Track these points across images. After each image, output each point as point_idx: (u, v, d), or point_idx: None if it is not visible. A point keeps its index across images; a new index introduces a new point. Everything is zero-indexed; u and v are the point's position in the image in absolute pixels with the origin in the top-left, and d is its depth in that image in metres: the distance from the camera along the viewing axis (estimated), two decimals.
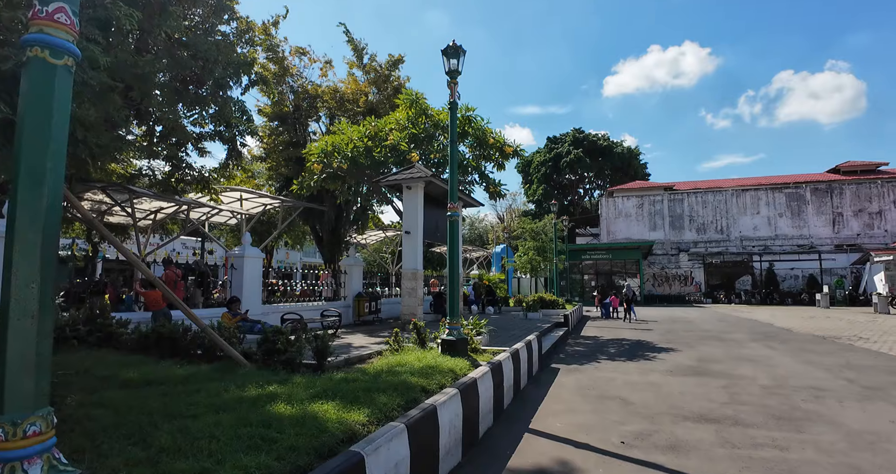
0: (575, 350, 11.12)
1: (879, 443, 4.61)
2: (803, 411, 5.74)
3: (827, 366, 8.60)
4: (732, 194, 36.55)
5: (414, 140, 13.90)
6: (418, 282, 12.56)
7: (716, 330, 15.28)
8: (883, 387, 6.92)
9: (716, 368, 8.57)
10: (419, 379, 4.56)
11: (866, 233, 33.24)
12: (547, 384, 7.38)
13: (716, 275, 36.11)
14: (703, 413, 5.69)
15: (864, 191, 33.79)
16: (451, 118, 6.88)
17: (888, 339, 12.38)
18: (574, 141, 49.30)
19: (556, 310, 17.79)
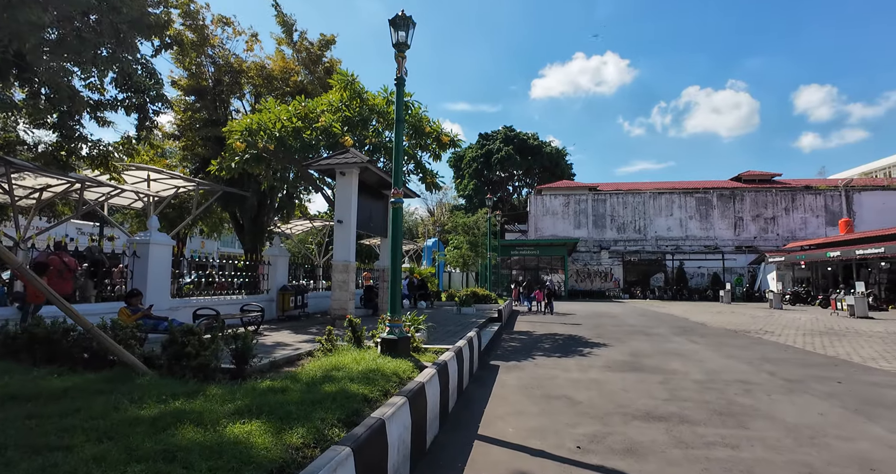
0: (511, 346, 10.95)
1: (819, 438, 4.68)
2: (740, 406, 5.82)
3: (747, 360, 9.02)
4: (650, 197, 38.82)
5: (348, 123, 13.04)
6: (350, 274, 11.80)
7: (640, 324, 15.90)
8: (801, 380, 7.28)
9: (649, 363, 8.69)
10: (360, 386, 3.97)
11: (762, 237, 36.70)
12: (489, 383, 7.03)
13: (633, 271, 38.24)
14: (649, 410, 5.58)
15: (762, 198, 37.26)
16: (398, 95, 6.27)
17: (789, 333, 13.45)
18: (505, 138, 50.06)
19: (489, 305, 17.70)
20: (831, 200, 36.31)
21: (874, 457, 4.18)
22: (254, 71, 16.43)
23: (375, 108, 13.31)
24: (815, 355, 9.63)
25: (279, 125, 12.51)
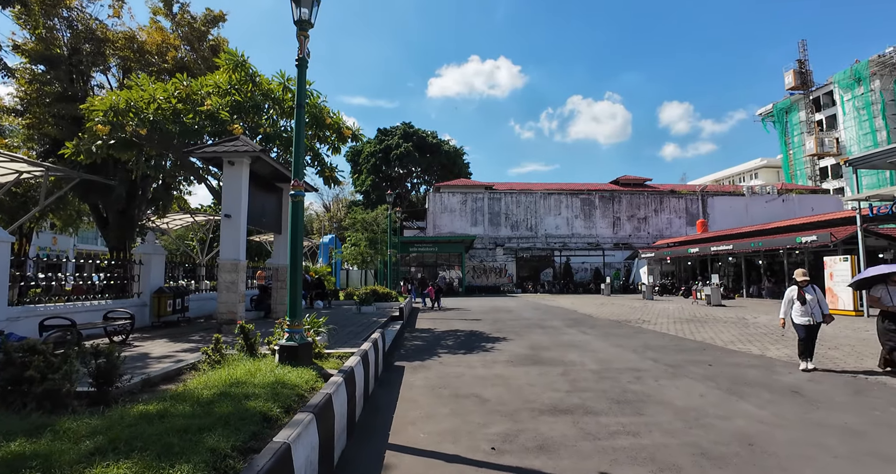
0: (414, 344, 10.76)
1: (703, 419, 5.09)
2: (634, 393, 6.19)
3: (633, 348, 9.77)
4: (541, 197, 41.13)
5: (238, 109, 11.90)
6: (240, 274, 10.77)
7: (535, 318, 16.65)
8: (680, 365, 8.02)
9: (548, 356, 9.02)
10: (258, 402, 3.48)
11: (636, 235, 40.72)
12: (396, 385, 6.76)
13: (525, 267, 40.28)
14: (555, 404, 5.71)
15: (636, 200, 41.33)
16: (300, 77, 5.71)
17: (662, 321, 14.94)
18: (404, 135, 49.89)
19: (389, 303, 17.38)
20: (691, 203, 41.40)
21: (750, 433, 4.62)
22: (122, 41, 14.34)
23: (270, 93, 12.30)
24: (688, 341, 10.74)
25: (154, 106, 11.02)
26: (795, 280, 7.66)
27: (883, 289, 7.20)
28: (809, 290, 7.48)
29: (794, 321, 7.52)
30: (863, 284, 7.75)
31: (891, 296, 7.08)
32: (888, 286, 7.18)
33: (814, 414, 5.22)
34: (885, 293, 7.13)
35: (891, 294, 7.10)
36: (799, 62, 55.51)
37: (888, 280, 7.24)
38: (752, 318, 15.26)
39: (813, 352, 7.47)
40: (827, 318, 7.41)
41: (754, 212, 39.86)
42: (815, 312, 7.35)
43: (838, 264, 16.66)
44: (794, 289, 7.60)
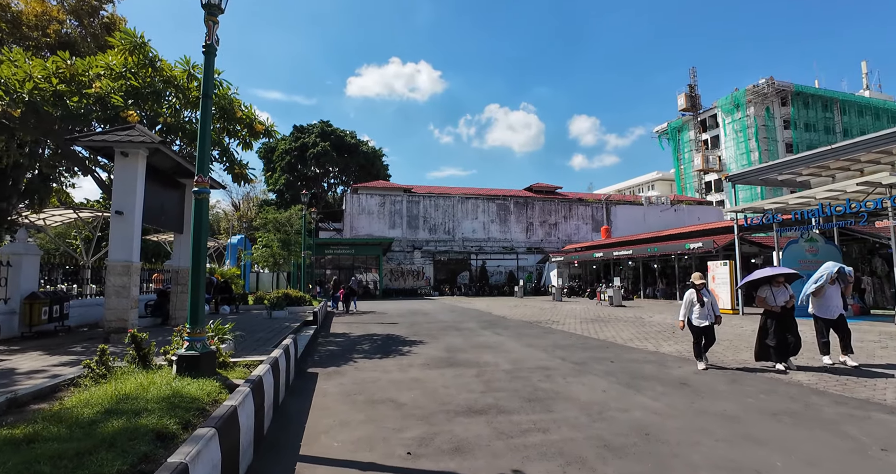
0: (329, 350, 10.43)
1: (606, 412, 5.43)
2: (544, 391, 6.46)
3: (543, 348, 10.22)
4: (458, 201, 41.86)
5: (134, 95, 10.84)
6: (133, 277, 9.77)
7: (451, 320, 16.86)
8: (585, 362, 8.51)
9: (464, 357, 9.16)
10: (152, 419, 3.15)
11: (547, 240, 42.78)
12: (308, 393, 6.49)
13: (443, 270, 40.73)
14: (470, 405, 5.79)
15: (548, 207, 43.45)
16: (207, 65, 5.30)
17: (570, 321, 15.80)
18: (322, 133, 48.45)
19: (303, 307, 16.72)
20: (596, 211, 44.31)
21: (646, 423, 5.00)
22: None
23: (173, 80, 11.33)
24: (592, 339, 11.44)
25: (30, 85, 9.70)
26: (693, 283, 7.88)
27: (768, 290, 7.68)
28: (706, 293, 7.75)
29: (691, 323, 7.79)
30: (751, 286, 8.15)
31: (775, 296, 7.58)
32: (772, 287, 7.67)
33: (699, 403, 5.77)
34: (770, 294, 7.63)
35: (775, 295, 7.60)
36: (689, 87, 61.78)
37: (772, 282, 7.72)
38: (648, 318, 16.61)
39: (706, 351, 7.92)
40: (718, 319, 7.74)
41: (651, 220, 43.56)
42: (710, 314, 7.69)
43: (719, 268, 18.67)
44: (692, 291, 7.81)
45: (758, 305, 7.79)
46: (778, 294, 7.59)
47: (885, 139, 13.39)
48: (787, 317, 7.51)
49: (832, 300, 7.89)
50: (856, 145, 14.35)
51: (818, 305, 7.99)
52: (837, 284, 7.97)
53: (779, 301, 7.53)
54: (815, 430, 4.74)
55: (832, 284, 7.92)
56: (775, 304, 7.53)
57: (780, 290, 7.62)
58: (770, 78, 53.23)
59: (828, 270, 7.92)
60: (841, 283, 7.99)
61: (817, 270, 8.10)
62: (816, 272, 8.07)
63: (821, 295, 7.93)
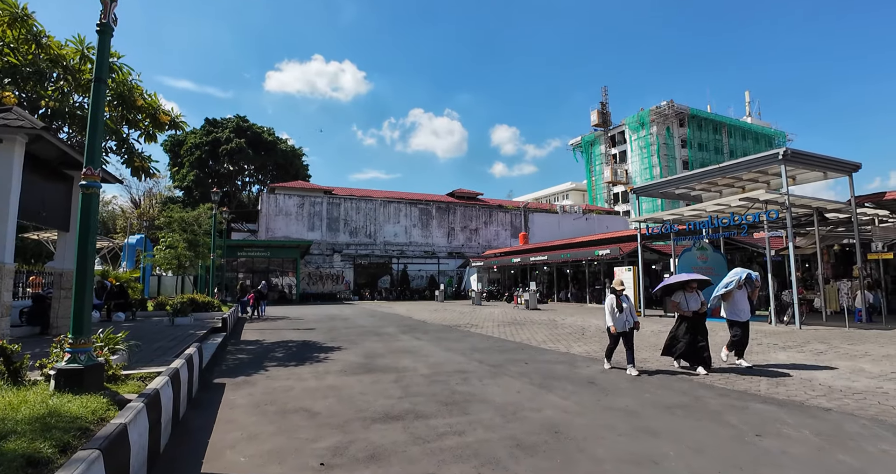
0: (239, 358, 9.84)
1: (519, 412, 5.60)
2: (461, 394, 6.54)
3: (462, 351, 10.36)
4: (381, 204, 41.48)
5: (13, 73, 9.57)
6: (4, 281, 8.57)
7: (370, 325, 16.60)
8: (502, 364, 8.74)
9: (382, 363, 9.05)
10: (21, 442, 2.76)
11: (468, 244, 43.63)
12: (213, 406, 6.06)
13: (363, 274, 40.08)
14: (387, 411, 5.72)
15: (469, 212, 44.35)
16: (101, 46, 4.78)
17: (488, 325, 16.19)
18: (237, 129, 45.89)
19: (211, 313, 15.64)
20: (515, 217, 45.93)
21: (556, 421, 5.22)
22: None
23: (62, 60, 10.15)
24: (509, 342, 11.79)
25: None
26: (614, 289, 7.88)
27: (681, 296, 7.86)
28: (625, 299, 7.74)
29: (609, 329, 7.83)
30: (666, 290, 8.29)
31: (687, 301, 7.79)
32: (686, 293, 7.86)
33: (604, 400, 6.14)
34: (683, 299, 7.81)
35: (687, 300, 7.79)
36: (601, 104, 66.19)
37: (686, 287, 7.92)
38: (561, 320, 17.46)
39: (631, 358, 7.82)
40: (637, 325, 7.75)
41: (565, 228, 45.97)
42: (629, 320, 7.70)
43: (624, 273, 20.09)
44: (612, 297, 7.76)
45: (671, 310, 8.02)
46: (690, 299, 7.81)
47: (761, 161, 15.21)
48: (698, 322, 7.79)
49: (740, 304, 8.21)
50: (738, 165, 16.15)
51: (728, 309, 8.31)
52: (745, 289, 8.28)
53: (691, 306, 7.77)
54: (703, 420, 5.22)
55: (740, 289, 8.23)
56: (687, 309, 7.77)
57: (692, 296, 7.85)
58: (671, 101, 58.50)
59: (737, 276, 8.25)
60: (748, 288, 8.32)
61: (727, 275, 8.46)
62: (726, 277, 8.43)
63: (730, 299, 8.23)
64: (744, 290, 8.28)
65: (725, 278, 8.36)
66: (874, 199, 15.84)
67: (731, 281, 8.22)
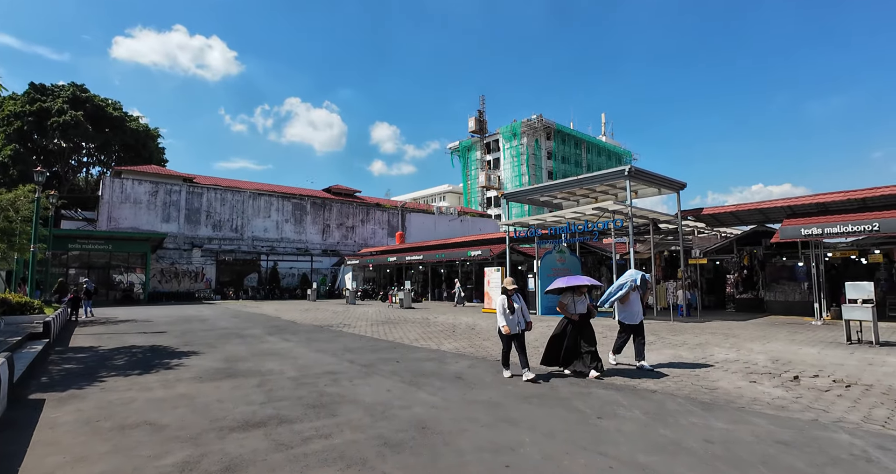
0: (66, 369, 8.45)
1: (389, 411, 5.62)
2: (329, 396, 6.37)
3: (333, 352, 10.10)
4: (250, 197, 38.70)
5: None
6: None
7: (233, 327, 15.40)
8: (373, 364, 8.70)
9: (245, 367, 8.45)
10: None
11: (343, 242, 42.67)
12: (28, 427, 5.13)
13: (227, 272, 37.01)
14: (247, 418, 5.35)
15: (346, 210, 43.40)
16: None
17: (361, 324, 16.01)
18: (73, 99, 39.38)
19: (29, 317, 13.18)
20: (392, 217, 46.05)
21: (424, 417, 5.34)
22: None
23: None
24: (382, 341, 11.78)
25: None
26: (506, 288, 7.45)
27: (570, 298, 7.74)
28: (517, 299, 7.39)
29: (500, 331, 7.43)
30: (556, 291, 8.08)
31: (575, 305, 7.69)
32: (574, 295, 7.74)
33: (469, 393, 6.44)
34: (572, 302, 7.69)
35: (576, 303, 7.69)
36: (479, 112, 69.41)
37: (576, 291, 7.78)
38: (434, 318, 17.91)
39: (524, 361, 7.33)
40: (529, 325, 7.43)
41: (440, 228, 47.31)
42: (520, 321, 7.40)
43: (493, 273, 21.29)
44: (504, 298, 7.40)
45: (559, 311, 7.85)
46: (578, 302, 7.71)
47: (610, 176, 17.23)
48: (584, 326, 7.67)
49: (634, 306, 8.18)
50: (592, 178, 18.10)
51: (622, 311, 8.26)
52: (638, 291, 8.30)
53: (578, 309, 7.67)
54: (555, 408, 5.74)
55: (634, 291, 8.21)
56: (574, 312, 7.66)
57: (580, 299, 7.74)
58: (540, 115, 63.47)
59: (631, 277, 8.23)
60: (641, 290, 8.32)
61: (621, 277, 8.45)
62: (620, 278, 8.39)
63: (626, 301, 8.21)
64: (637, 292, 8.29)
65: (619, 280, 8.37)
66: (694, 214, 18.89)
67: (626, 282, 8.20)
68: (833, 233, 14.05)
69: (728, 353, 9.45)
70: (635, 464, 4.01)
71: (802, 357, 9.01)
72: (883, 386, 6.64)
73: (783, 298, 18.09)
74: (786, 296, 18.04)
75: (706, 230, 22.46)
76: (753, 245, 20.03)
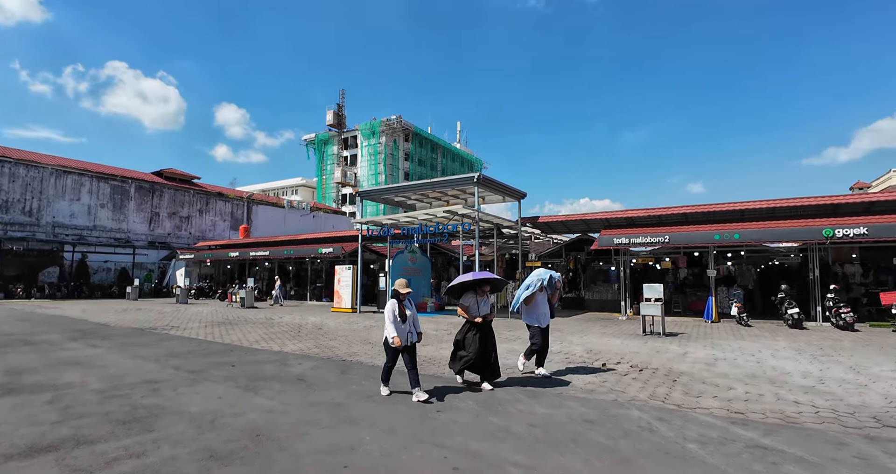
0: None
1: (218, 420, 5.15)
2: (146, 408, 5.62)
3: (155, 358, 8.91)
4: (52, 174, 32.26)
5: None
6: None
7: (21, 332, 12.66)
8: (204, 369, 7.90)
9: (33, 381, 7.01)
10: None
11: (176, 234, 37.97)
12: None
13: (16, 264, 30.24)
14: (33, 442, 4.45)
15: (180, 197, 38.69)
16: None
17: (193, 325, 14.42)
18: None
19: None
20: (237, 208, 42.40)
21: (259, 424, 5.01)
22: None
23: None
24: (216, 344, 10.74)
25: None
26: (398, 292, 6.18)
27: (472, 299, 6.83)
28: (408, 305, 6.23)
29: (387, 341, 6.14)
30: (456, 290, 7.12)
31: (479, 305, 6.82)
32: (477, 296, 6.86)
33: (311, 395, 6.22)
34: (474, 302, 6.81)
35: (479, 304, 6.83)
36: (338, 106, 67.63)
37: (478, 289, 6.91)
38: (278, 318, 16.93)
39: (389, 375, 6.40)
40: (419, 336, 6.32)
41: (291, 223, 44.98)
42: (412, 331, 6.19)
43: (344, 272, 20.91)
44: (394, 302, 6.13)
45: (460, 315, 6.87)
46: (482, 303, 6.88)
47: (461, 181, 18.20)
48: (487, 330, 6.79)
49: (541, 308, 7.51)
50: (444, 182, 18.92)
51: (528, 313, 7.55)
52: (546, 292, 7.64)
53: (482, 311, 6.84)
54: (397, 404, 5.84)
55: (542, 292, 7.57)
56: (478, 314, 6.80)
57: (483, 300, 6.93)
58: (399, 116, 64.22)
59: (539, 277, 7.56)
60: (549, 291, 7.66)
61: (529, 276, 7.74)
62: (528, 278, 7.68)
63: (532, 302, 7.51)
64: (545, 293, 7.62)
65: (527, 279, 7.64)
66: (532, 221, 20.91)
67: (533, 282, 7.49)
68: (637, 242, 16.76)
69: (553, 345, 10.65)
70: (467, 452, 4.28)
71: (610, 347, 10.55)
72: (666, 368, 8.10)
73: (599, 297, 21.02)
74: (601, 296, 20.98)
75: (541, 236, 25.05)
76: (578, 251, 22.90)
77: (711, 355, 9.35)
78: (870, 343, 10.94)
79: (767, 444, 4.48)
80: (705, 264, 17.40)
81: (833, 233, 14.06)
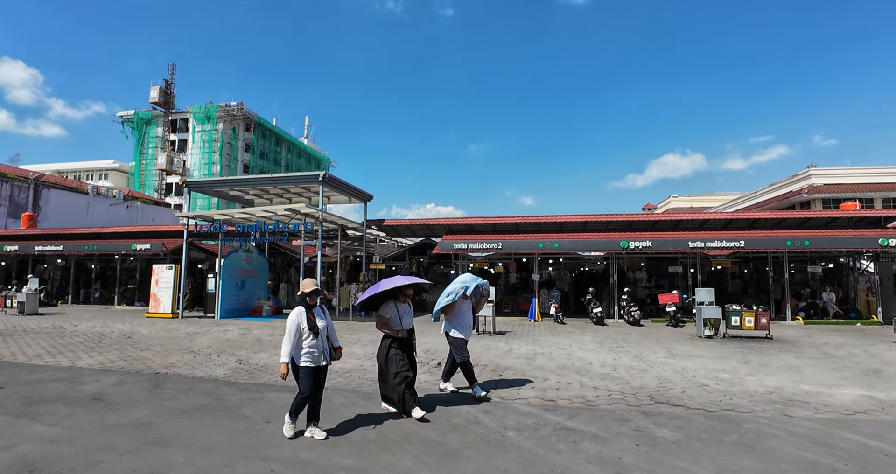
0: None
1: None
2: None
3: None
4: None
5: None
6: None
7: None
8: None
9: None
10: None
11: None
12: None
13: None
14: None
15: None
16: None
17: None
18: None
19: None
20: (19, 191, 34.45)
21: (34, 458, 4.11)
22: None
23: None
24: None
25: None
26: (304, 293, 4.89)
27: (393, 309, 5.74)
28: (320, 314, 4.90)
29: (297, 362, 4.75)
30: (372, 302, 5.90)
31: (400, 317, 5.72)
32: (397, 304, 5.78)
33: (110, 417, 5.32)
34: (395, 313, 5.71)
35: (400, 315, 5.73)
36: (166, 82, 59.49)
37: (398, 296, 5.82)
38: (72, 326, 14.17)
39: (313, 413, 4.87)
40: (338, 352, 5.06)
41: (97, 214, 38.10)
42: (326, 347, 4.89)
43: (164, 272, 18.43)
44: (301, 310, 4.80)
45: (379, 328, 5.72)
46: (405, 314, 5.79)
47: (306, 179, 17.48)
48: (411, 344, 5.82)
49: (466, 318, 6.71)
50: (287, 179, 17.96)
51: (452, 323, 6.68)
52: (471, 300, 6.86)
53: (405, 323, 5.75)
54: (219, 418, 5.32)
55: (466, 300, 6.77)
56: (401, 328, 5.70)
57: (405, 309, 5.83)
58: (241, 103, 59.05)
59: (463, 284, 6.72)
60: (474, 299, 6.91)
61: (452, 282, 6.85)
62: (450, 285, 6.80)
63: (452, 311, 6.64)
64: (469, 302, 6.84)
65: (449, 286, 6.78)
66: (378, 224, 20.99)
67: (454, 291, 6.62)
68: (475, 248, 17.97)
69: None
70: (297, 462, 4.08)
71: (445, 346, 11.08)
72: (494, 365, 8.80)
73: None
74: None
75: (387, 239, 25.31)
76: (421, 254, 23.67)
77: (532, 351, 10.44)
78: (650, 335, 13.36)
79: (571, 426, 5.15)
80: (531, 269, 19.44)
81: (628, 245, 16.93)
